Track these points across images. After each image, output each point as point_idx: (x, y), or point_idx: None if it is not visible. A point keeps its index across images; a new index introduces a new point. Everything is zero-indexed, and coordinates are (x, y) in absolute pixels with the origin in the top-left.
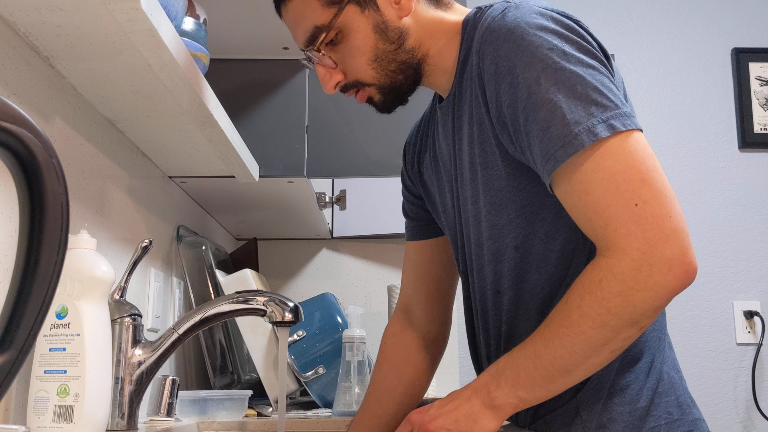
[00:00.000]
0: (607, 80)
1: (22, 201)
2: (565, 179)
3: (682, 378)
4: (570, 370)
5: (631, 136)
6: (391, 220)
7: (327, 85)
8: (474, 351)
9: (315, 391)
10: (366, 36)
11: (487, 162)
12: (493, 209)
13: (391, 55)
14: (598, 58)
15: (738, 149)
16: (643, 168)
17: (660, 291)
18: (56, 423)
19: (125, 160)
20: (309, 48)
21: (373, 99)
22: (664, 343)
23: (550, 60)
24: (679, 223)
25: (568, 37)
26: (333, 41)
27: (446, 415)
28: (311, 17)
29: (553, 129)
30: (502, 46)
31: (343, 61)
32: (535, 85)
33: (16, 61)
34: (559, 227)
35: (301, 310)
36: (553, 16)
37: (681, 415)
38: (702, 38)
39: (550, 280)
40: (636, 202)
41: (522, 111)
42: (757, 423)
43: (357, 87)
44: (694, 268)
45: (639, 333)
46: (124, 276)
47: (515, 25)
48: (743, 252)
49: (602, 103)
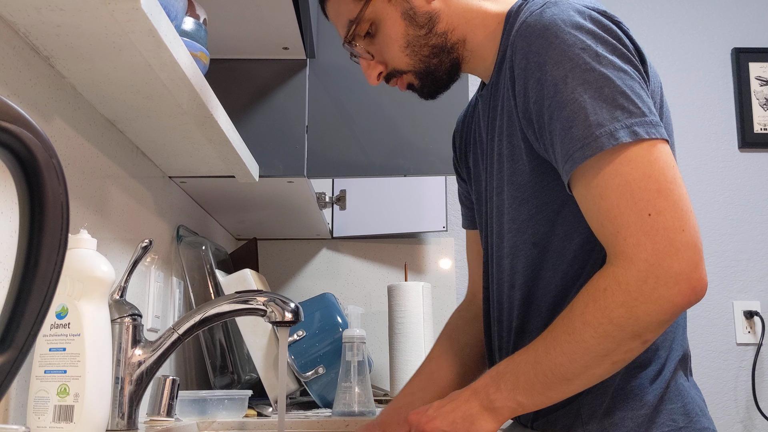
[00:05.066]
0: (637, 86)
1: (22, 201)
2: (583, 181)
3: (695, 388)
4: (569, 379)
5: (654, 146)
6: (391, 220)
7: (370, 77)
8: (488, 342)
9: (315, 391)
10: (396, 24)
11: (513, 155)
12: (515, 203)
13: (423, 39)
14: (632, 62)
15: (738, 149)
16: (661, 178)
17: (664, 305)
18: (56, 423)
19: (125, 160)
20: (346, 42)
21: (414, 85)
22: (676, 354)
23: (581, 60)
24: (692, 238)
25: (603, 38)
26: (369, 33)
27: (444, 416)
28: (345, 13)
29: (575, 129)
30: (534, 42)
31: (380, 52)
32: (561, 84)
33: (16, 61)
34: (578, 227)
35: (301, 310)
36: (591, 16)
37: (687, 423)
38: (702, 38)
39: (564, 279)
40: (649, 212)
41: (547, 108)
42: (757, 423)
43: (396, 75)
44: (703, 285)
45: (642, 347)
46: (124, 276)
47: (551, 22)
48: (743, 252)
49: (628, 109)
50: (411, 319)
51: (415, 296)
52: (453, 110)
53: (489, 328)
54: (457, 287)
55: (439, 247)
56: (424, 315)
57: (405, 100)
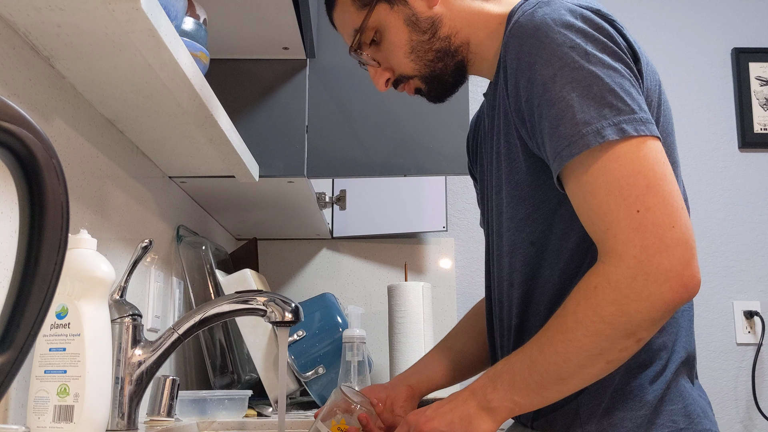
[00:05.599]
0: (627, 83)
1: (22, 201)
2: (573, 179)
3: (699, 389)
4: (564, 378)
5: (643, 143)
6: (391, 220)
7: (378, 84)
8: (491, 339)
9: (315, 391)
10: (399, 30)
11: (510, 154)
12: (513, 202)
13: (427, 44)
14: (624, 60)
15: (738, 149)
16: (650, 174)
17: (655, 302)
18: (56, 423)
19: (125, 160)
20: (352, 51)
21: (422, 90)
22: (679, 356)
23: (570, 59)
24: (683, 235)
25: (593, 36)
26: (374, 41)
27: (442, 417)
28: (350, 22)
29: (563, 128)
30: (526, 42)
31: (386, 59)
32: (550, 83)
33: (16, 61)
34: (574, 225)
35: (301, 310)
36: (583, 14)
37: (688, 425)
38: (702, 38)
39: (562, 277)
40: (638, 209)
41: (537, 107)
42: (757, 423)
43: (404, 81)
44: (695, 282)
45: (637, 346)
46: (124, 276)
47: (542, 22)
48: (743, 252)
49: (617, 106)
50: (411, 319)
51: (415, 296)
52: (453, 110)
53: (491, 326)
54: (457, 287)
55: (439, 247)
56: (424, 315)
57: (405, 100)
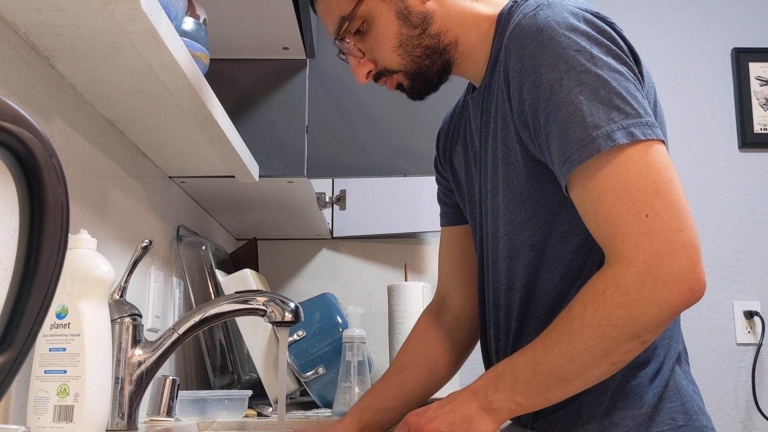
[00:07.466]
0: (632, 87)
1: (22, 201)
2: (580, 183)
3: (693, 385)
4: (568, 380)
5: (650, 147)
6: (391, 220)
7: (359, 75)
8: (484, 344)
9: (315, 391)
10: (389, 23)
11: (508, 158)
12: (511, 205)
13: (416, 40)
14: (627, 63)
15: (738, 149)
16: (657, 179)
17: (663, 306)
18: (56, 423)
19: (125, 160)
20: (336, 38)
21: (403, 85)
22: (674, 352)
23: (576, 62)
24: (690, 239)
25: (597, 39)
26: (360, 31)
27: (443, 417)
28: (337, 9)
29: (572, 131)
30: (529, 45)
31: (370, 50)
32: (557, 86)
33: (16, 61)
34: (575, 228)
35: (301, 310)
36: (585, 17)
37: (686, 422)
38: (702, 38)
39: (563, 280)
40: (647, 213)
41: (543, 111)
42: (757, 423)
43: (386, 75)
44: (701, 285)
45: (641, 348)
46: (124, 276)
47: (545, 24)
48: (743, 252)
49: (624, 110)
50: (411, 319)
51: (415, 296)
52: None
53: (485, 331)
54: None
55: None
56: None
57: (405, 100)
